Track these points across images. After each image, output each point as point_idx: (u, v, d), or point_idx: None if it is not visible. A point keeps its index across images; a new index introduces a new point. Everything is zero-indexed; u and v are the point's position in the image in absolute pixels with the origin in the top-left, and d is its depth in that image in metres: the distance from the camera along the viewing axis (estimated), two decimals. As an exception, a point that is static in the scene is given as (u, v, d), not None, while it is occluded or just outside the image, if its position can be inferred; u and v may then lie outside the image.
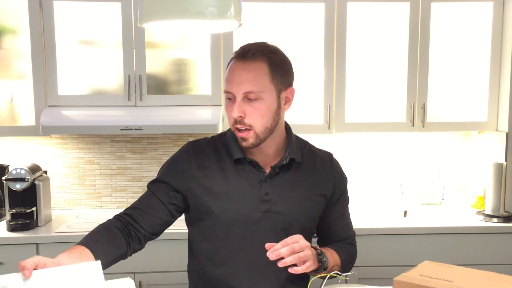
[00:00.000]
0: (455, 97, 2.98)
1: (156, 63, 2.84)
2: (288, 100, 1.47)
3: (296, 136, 1.58)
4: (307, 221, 1.49)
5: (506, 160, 2.89)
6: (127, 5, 2.75)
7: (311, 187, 1.49)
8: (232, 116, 1.39)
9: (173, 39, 2.84)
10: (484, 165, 3.04)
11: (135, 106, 2.82)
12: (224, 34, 2.79)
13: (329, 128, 2.92)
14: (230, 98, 1.41)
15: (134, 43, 2.78)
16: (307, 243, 1.30)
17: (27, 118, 2.83)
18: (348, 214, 1.66)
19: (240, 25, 1.31)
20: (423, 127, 2.96)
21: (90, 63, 2.79)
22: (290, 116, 2.89)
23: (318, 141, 3.23)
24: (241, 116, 1.38)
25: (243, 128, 1.39)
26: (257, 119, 1.39)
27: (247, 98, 1.37)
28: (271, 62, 1.40)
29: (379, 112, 2.96)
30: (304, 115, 2.93)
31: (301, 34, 2.88)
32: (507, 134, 2.89)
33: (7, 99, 2.83)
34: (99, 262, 1.19)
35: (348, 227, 1.65)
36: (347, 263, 1.54)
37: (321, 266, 1.36)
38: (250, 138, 1.40)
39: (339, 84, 2.91)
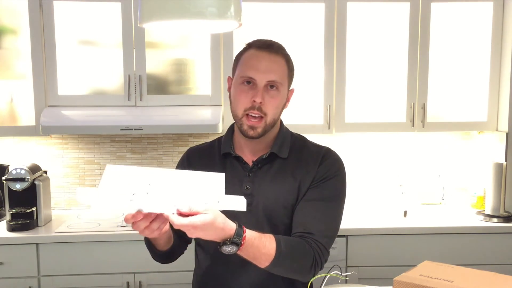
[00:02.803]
0: (455, 97, 2.99)
1: (156, 63, 2.84)
2: (288, 100, 1.54)
3: (292, 133, 1.59)
4: (287, 216, 1.48)
5: (506, 160, 2.89)
6: (127, 5, 2.75)
7: (292, 182, 1.48)
8: (250, 101, 1.42)
9: (173, 39, 2.84)
10: (484, 165, 3.04)
11: (135, 106, 2.82)
12: (224, 34, 2.79)
13: (329, 128, 2.92)
14: (249, 82, 1.44)
15: (134, 43, 2.78)
16: (204, 233, 1.23)
17: (27, 118, 2.83)
18: (322, 211, 1.45)
19: (240, 25, 1.31)
20: (423, 127, 2.96)
21: (90, 63, 2.79)
22: (291, 116, 2.90)
23: (318, 141, 3.23)
24: (261, 102, 1.42)
25: (257, 115, 1.43)
26: (272, 108, 1.44)
27: (268, 87, 1.43)
28: (288, 60, 1.49)
29: (379, 112, 2.96)
30: (304, 115, 2.93)
31: (301, 34, 2.88)
32: (507, 134, 2.89)
33: (7, 99, 2.83)
34: (223, 174, 1.25)
35: (311, 221, 1.44)
36: (287, 255, 1.37)
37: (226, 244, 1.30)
38: (259, 127, 1.44)
39: (339, 84, 2.91)
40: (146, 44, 2.79)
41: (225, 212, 1.30)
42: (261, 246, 1.32)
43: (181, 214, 1.19)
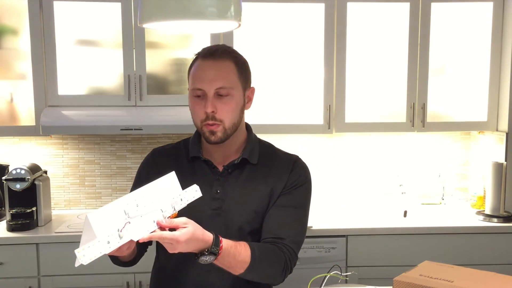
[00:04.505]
0: (455, 97, 2.99)
1: (156, 63, 2.84)
2: (250, 100, 1.53)
3: (260, 140, 1.60)
4: (258, 221, 1.49)
5: (506, 160, 2.89)
6: (127, 5, 2.75)
7: (263, 188, 1.49)
8: (203, 112, 1.43)
9: (173, 39, 2.84)
10: (484, 165, 3.04)
11: (135, 106, 2.82)
12: (224, 34, 2.79)
13: (329, 128, 2.92)
14: (199, 96, 1.44)
15: (134, 43, 2.78)
16: (181, 247, 1.24)
17: (27, 118, 2.83)
18: (292, 217, 1.49)
19: (240, 25, 1.32)
20: (423, 127, 2.96)
21: (90, 63, 2.79)
22: (291, 116, 2.91)
23: (318, 141, 3.24)
24: (213, 111, 1.42)
25: (213, 124, 1.43)
26: (227, 114, 1.43)
27: (218, 94, 1.42)
28: (237, 61, 1.46)
29: (379, 112, 2.96)
30: (304, 115, 2.93)
31: (301, 34, 2.88)
32: (507, 134, 2.88)
33: (7, 99, 2.83)
34: (173, 173, 1.33)
35: (282, 227, 1.46)
36: (261, 261, 1.39)
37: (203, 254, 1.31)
38: (219, 132, 1.44)
39: (339, 84, 2.91)
40: (146, 44, 2.79)
41: (191, 216, 1.30)
42: (237, 254, 1.34)
43: (161, 228, 1.22)
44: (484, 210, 2.94)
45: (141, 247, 1.53)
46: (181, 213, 1.31)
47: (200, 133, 1.48)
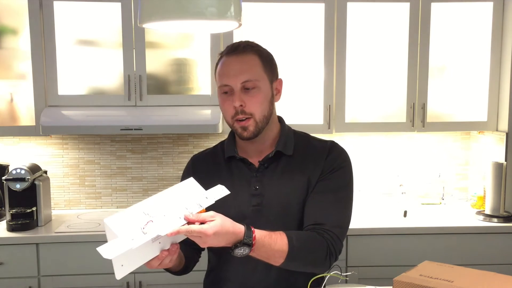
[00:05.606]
0: (455, 97, 2.99)
1: (156, 63, 2.84)
2: (278, 92, 1.54)
3: (295, 131, 1.60)
4: (300, 211, 1.48)
5: (506, 160, 2.89)
6: (127, 5, 2.75)
7: (300, 178, 1.49)
8: (232, 108, 1.44)
9: (173, 39, 2.84)
10: (484, 165, 3.04)
11: (135, 106, 2.82)
12: (224, 34, 2.79)
13: (329, 128, 2.92)
14: (227, 92, 1.45)
15: (134, 43, 2.78)
16: (211, 240, 1.23)
17: (27, 118, 2.83)
18: (331, 201, 1.47)
19: (240, 25, 1.32)
20: (423, 127, 2.96)
21: (90, 63, 2.79)
22: (290, 116, 2.90)
23: (318, 141, 3.24)
24: (241, 105, 1.42)
25: (243, 118, 1.44)
26: (256, 106, 1.44)
27: (245, 88, 1.43)
28: (260, 54, 1.48)
29: (379, 112, 2.96)
30: (304, 115, 2.93)
31: (301, 34, 2.88)
32: (507, 134, 2.88)
33: (7, 99, 2.83)
34: (192, 178, 1.35)
35: (322, 212, 1.45)
36: (300, 248, 1.38)
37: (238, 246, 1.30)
38: (250, 126, 1.44)
39: (339, 84, 2.91)
40: (146, 44, 2.79)
41: (233, 215, 1.31)
42: (272, 244, 1.33)
43: (190, 223, 1.22)
44: (484, 210, 2.94)
45: (192, 254, 1.55)
46: (222, 213, 1.29)
47: (233, 130, 1.50)
